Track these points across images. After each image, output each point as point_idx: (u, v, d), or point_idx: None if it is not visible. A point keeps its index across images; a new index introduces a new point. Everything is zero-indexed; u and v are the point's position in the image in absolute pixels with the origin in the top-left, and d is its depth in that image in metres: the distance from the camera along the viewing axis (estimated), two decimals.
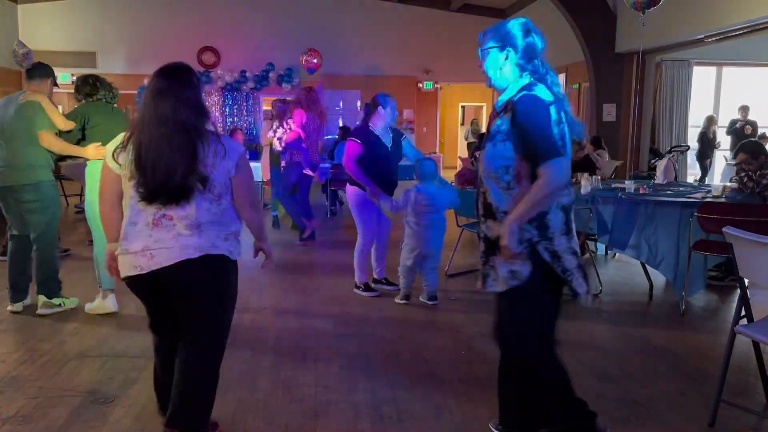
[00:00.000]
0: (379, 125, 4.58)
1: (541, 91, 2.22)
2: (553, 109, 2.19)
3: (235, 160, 2.37)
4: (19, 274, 4.29)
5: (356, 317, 4.30)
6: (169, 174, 2.24)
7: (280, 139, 6.73)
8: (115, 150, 2.38)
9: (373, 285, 4.88)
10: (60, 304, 4.27)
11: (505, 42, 2.29)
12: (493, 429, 2.68)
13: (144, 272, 2.31)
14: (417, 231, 4.47)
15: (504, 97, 2.33)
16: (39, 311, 4.19)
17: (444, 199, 4.50)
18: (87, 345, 3.70)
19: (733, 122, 10.39)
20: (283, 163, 6.76)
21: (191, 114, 2.29)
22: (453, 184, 6.00)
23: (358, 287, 4.84)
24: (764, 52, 10.47)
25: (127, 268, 2.35)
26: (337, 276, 5.34)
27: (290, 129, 6.70)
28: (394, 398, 3.03)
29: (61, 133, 4.17)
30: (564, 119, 2.24)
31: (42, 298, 4.22)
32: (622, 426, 2.78)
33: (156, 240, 2.30)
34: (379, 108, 4.54)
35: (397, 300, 4.60)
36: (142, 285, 2.39)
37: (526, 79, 2.28)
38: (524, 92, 2.22)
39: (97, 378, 3.22)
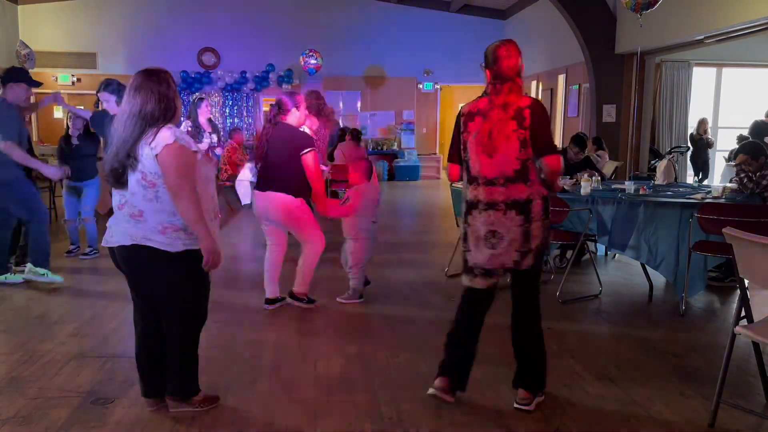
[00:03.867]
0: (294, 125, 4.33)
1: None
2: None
3: (158, 150, 2.48)
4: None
5: (355, 317, 4.30)
6: (117, 154, 2.55)
7: None
8: None
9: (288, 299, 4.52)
10: (44, 274, 4.88)
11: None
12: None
13: (107, 246, 2.68)
14: (373, 229, 4.67)
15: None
16: (24, 276, 4.92)
17: None
18: (87, 345, 3.70)
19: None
20: None
21: (156, 106, 2.53)
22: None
23: (300, 299, 4.47)
24: (764, 52, 10.46)
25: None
26: (337, 276, 5.33)
27: None
28: (394, 398, 3.03)
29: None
30: None
31: (29, 266, 4.90)
32: (622, 426, 2.78)
33: (116, 222, 2.65)
34: (293, 109, 4.26)
35: (353, 300, 4.64)
36: (112, 258, 2.72)
37: None
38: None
39: (97, 378, 3.22)
